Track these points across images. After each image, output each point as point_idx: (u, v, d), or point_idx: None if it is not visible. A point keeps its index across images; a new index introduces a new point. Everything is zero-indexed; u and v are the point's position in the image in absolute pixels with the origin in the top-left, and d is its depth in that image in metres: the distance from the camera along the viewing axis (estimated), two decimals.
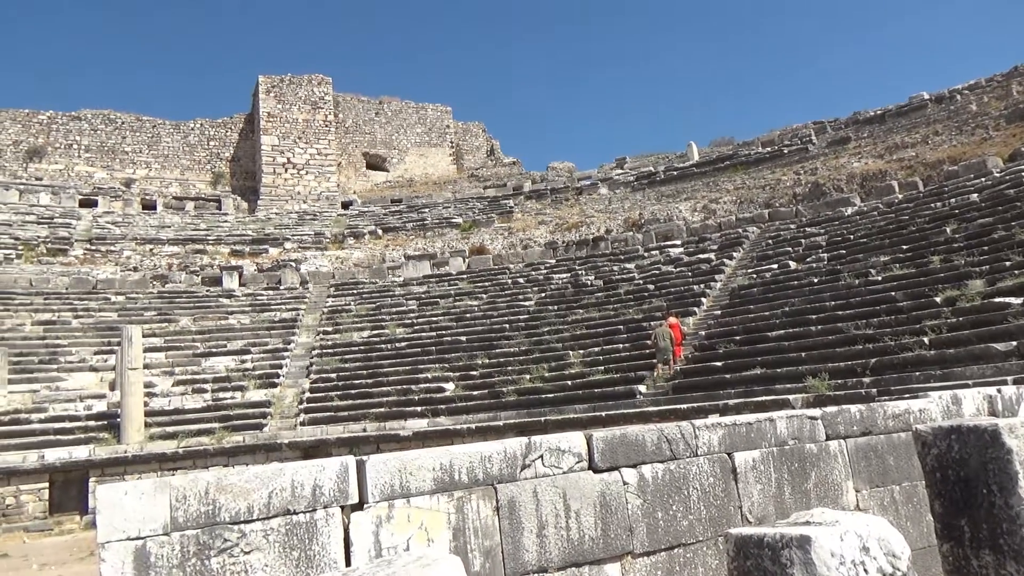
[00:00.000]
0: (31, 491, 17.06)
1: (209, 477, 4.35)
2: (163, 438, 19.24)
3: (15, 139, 40.74)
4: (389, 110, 50.38)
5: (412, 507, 4.56)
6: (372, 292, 29.00)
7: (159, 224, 36.83)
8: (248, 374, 22.58)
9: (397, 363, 22.68)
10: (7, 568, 12.97)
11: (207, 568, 4.17)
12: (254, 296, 28.67)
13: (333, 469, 4.50)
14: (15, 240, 31.51)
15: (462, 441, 17.42)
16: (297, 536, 4.36)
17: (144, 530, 4.12)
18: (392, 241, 36.32)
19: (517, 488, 4.79)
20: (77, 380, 21.47)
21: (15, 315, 24.40)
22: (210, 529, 4.22)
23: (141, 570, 4.07)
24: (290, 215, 40.62)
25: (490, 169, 50.12)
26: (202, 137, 45.23)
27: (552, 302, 24.85)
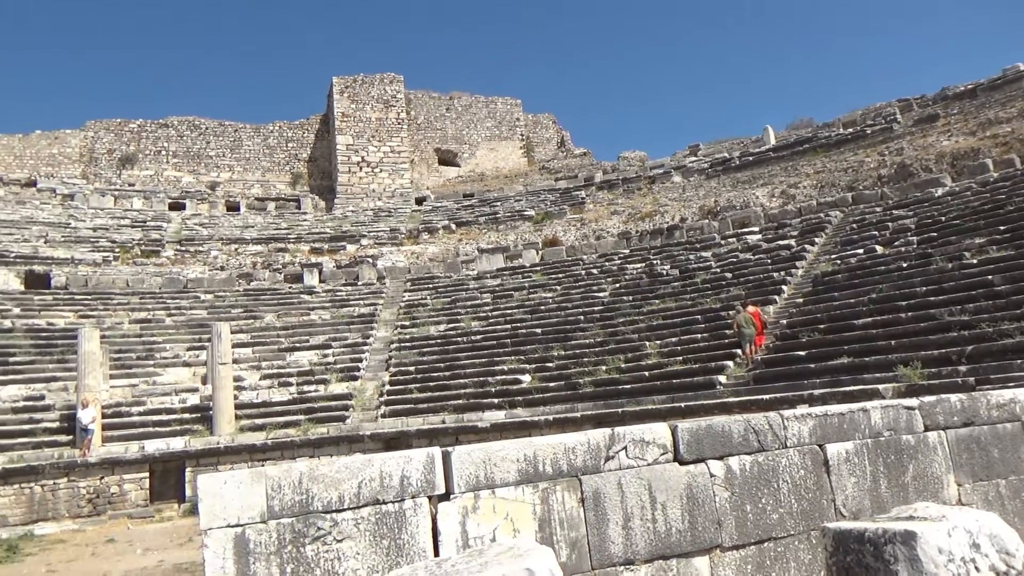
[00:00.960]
0: (133, 480, 18.02)
1: (302, 467, 4.49)
2: (252, 430, 20.00)
3: (109, 147, 42.96)
4: (459, 105, 50.78)
5: (497, 498, 4.60)
6: (447, 286, 29.35)
7: (243, 224, 38.22)
8: (330, 368, 23.21)
9: (473, 356, 22.90)
10: (114, 552, 13.75)
11: (302, 555, 4.31)
12: (333, 292, 29.44)
13: (420, 460, 4.58)
14: (112, 243, 33.27)
15: (539, 433, 17.46)
16: (387, 525, 4.45)
17: (243, 518, 4.28)
18: (465, 235, 36.65)
19: (602, 479, 4.76)
20: (172, 375, 22.54)
21: (114, 314, 25.78)
22: (304, 518, 4.35)
23: (241, 556, 4.23)
24: (366, 212, 41.48)
25: (561, 161, 49.93)
26: (281, 139, 46.64)
27: (627, 292, 24.60)
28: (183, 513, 18.01)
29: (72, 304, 26.28)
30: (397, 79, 47.06)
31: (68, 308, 25.87)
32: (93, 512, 17.50)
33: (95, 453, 18.13)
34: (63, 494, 17.38)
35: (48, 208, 36.48)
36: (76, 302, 26.49)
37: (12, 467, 17.11)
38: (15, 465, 17.20)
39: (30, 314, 24.97)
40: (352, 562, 4.34)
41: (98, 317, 24.97)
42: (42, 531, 16.63)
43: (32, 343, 22.98)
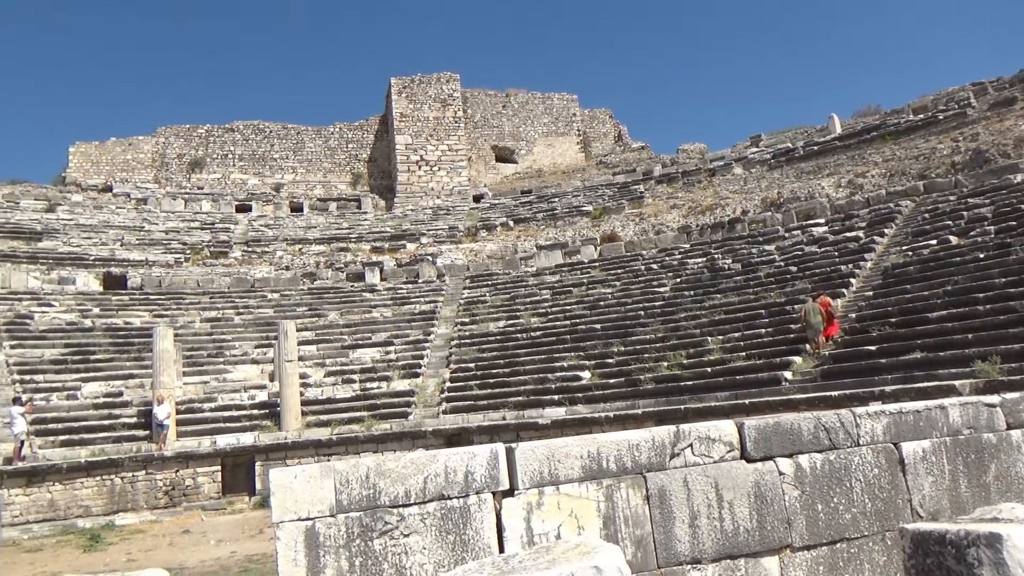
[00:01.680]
0: (206, 473, 18.67)
1: (369, 463, 4.57)
2: (318, 425, 20.48)
3: (179, 152, 44.52)
4: (516, 102, 50.85)
5: (561, 494, 4.60)
6: (506, 283, 29.45)
7: (306, 225, 39.12)
8: (392, 365, 23.58)
9: (533, 352, 22.93)
10: (190, 543, 14.27)
11: (370, 549, 4.38)
12: (394, 290, 29.87)
13: (484, 456, 4.60)
14: (183, 245, 34.49)
15: (600, 429, 17.38)
16: (452, 520, 4.49)
17: (313, 511, 4.39)
18: (523, 232, 36.70)
19: (667, 477, 4.71)
20: (241, 372, 23.23)
21: (186, 313, 26.73)
22: (371, 512, 4.43)
23: (311, 549, 4.34)
24: (425, 211, 41.94)
25: (618, 155, 49.52)
26: (341, 140, 47.53)
27: (688, 287, 24.26)
28: (253, 506, 18.57)
29: (147, 304, 27.35)
30: (454, 78, 47.39)
31: (143, 308, 26.93)
32: (169, 504, 18.20)
33: (170, 447, 18.84)
34: (141, 486, 18.13)
35: (123, 212, 38.03)
36: (151, 302, 27.57)
37: (94, 460, 17.93)
38: (97, 458, 18.01)
39: (108, 314, 26.08)
40: (419, 556, 4.40)
41: (171, 316, 25.92)
42: (122, 521, 17.38)
43: (111, 342, 24.01)
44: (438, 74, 47.16)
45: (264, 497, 18.75)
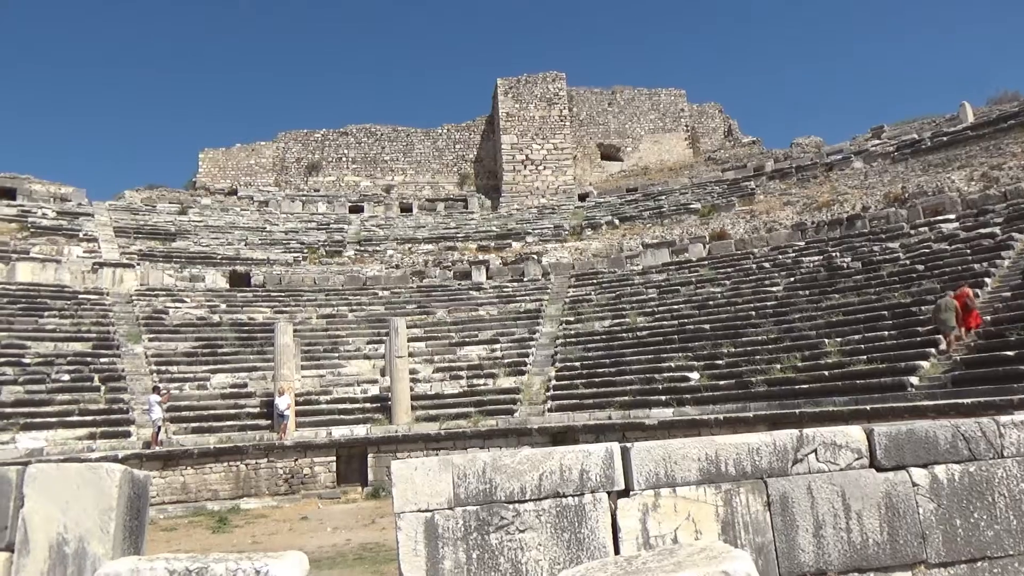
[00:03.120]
0: (322, 463, 19.50)
1: (485, 458, 4.64)
2: (426, 420, 20.99)
3: (297, 156, 46.71)
4: (621, 99, 50.35)
5: (678, 497, 4.53)
6: (611, 281, 29.22)
7: (415, 225, 40.19)
8: (498, 362, 23.86)
9: (639, 352, 22.65)
10: (308, 529, 14.96)
11: (487, 543, 4.46)
12: (500, 288, 30.21)
13: (599, 455, 4.59)
14: (301, 244, 36.18)
15: (709, 432, 16.97)
16: (567, 518, 4.51)
17: (432, 504, 4.51)
18: (629, 230, 36.29)
19: (789, 483, 4.55)
20: (354, 366, 24.13)
21: (304, 310, 28.02)
22: (488, 507, 4.51)
23: (431, 540, 4.46)
24: (530, 210, 42.20)
25: (728, 151, 48.13)
26: (449, 141, 48.52)
27: (803, 287, 23.29)
28: (365, 496, 19.24)
29: (268, 300, 28.86)
30: (559, 77, 47.43)
31: (265, 304, 28.44)
32: (289, 491, 19.13)
33: (290, 437, 19.80)
34: (263, 473, 19.14)
35: (247, 214, 40.27)
36: (272, 299, 29.07)
37: (222, 447, 19.09)
38: (224, 445, 19.17)
39: (234, 310, 27.70)
40: (534, 552, 4.44)
41: (290, 313, 27.23)
42: (246, 505, 18.42)
43: (236, 336, 25.49)
44: (543, 73, 47.33)
45: (375, 488, 19.41)
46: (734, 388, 19.10)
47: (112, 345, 23.39)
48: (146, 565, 2.64)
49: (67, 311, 25.06)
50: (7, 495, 4.53)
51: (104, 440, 18.83)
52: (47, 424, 19.01)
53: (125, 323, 25.19)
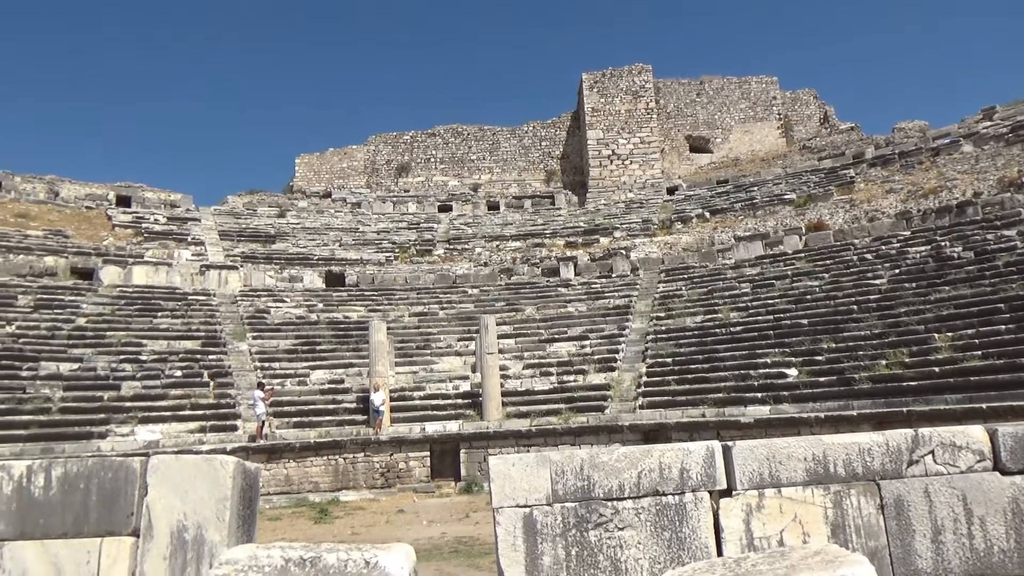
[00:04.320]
0: (417, 458, 19.94)
1: (583, 454, 4.63)
2: (517, 416, 21.12)
3: (387, 159, 47.87)
4: (710, 89, 49.17)
5: (783, 498, 4.38)
6: (703, 276, 28.59)
7: (502, 222, 40.48)
8: (588, 358, 23.75)
9: (733, 348, 22.07)
10: (404, 522, 15.33)
11: (585, 540, 4.44)
12: (588, 284, 30.06)
13: (699, 453, 4.50)
14: (392, 244, 37.07)
15: (809, 431, 16.38)
16: (667, 517, 4.44)
17: (530, 500, 4.52)
18: (720, 223, 35.42)
19: (904, 486, 4.33)
20: (446, 363, 24.53)
21: (396, 308, 28.70)
22: (586, 503, 4.49)
23: (529, 535, 4.48)
24: (617, 205, 41.80)
25: (824, 138, 46.24)
26: (534, 139, 48.62)
27: (908, 279, 22.13)
28: (459, 491, 19.55)
29: (362, 299, 29.70)
30: (645, 69, 46.75)
31: (359, 303, 29.28)
32: (385, 484, 19.65)
33: (385, 432, 20.32)
34: (360, 467, 19.73)
35: (341, 216, 41.57)
36: (365, 297, 29.90)
37: (321, 441, 19.79)
38: (323, 439, 19.87)
39: (330, 308, 28.65)
40: (633, 551, 4.40)
41: (383, 311, 27.94)
42: (345, 498, 19.04)
43: (333, 334, 26.36)
44: (629, 66, 46.77)
45: (468, 483, 19.70)
46: (835, 385, 18.37)
47: (219, 343, 24.62)
48: (263, 553, 2.75)
49: (178, 311, 26.54)
50: (133, 484, 4.83)
51: (213, 433, 19.85)
52: (162, 418, 20.19)
53: (230, 322, 26.46)
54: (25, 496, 4.84)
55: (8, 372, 20.52)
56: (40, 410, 19.34)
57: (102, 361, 22.07)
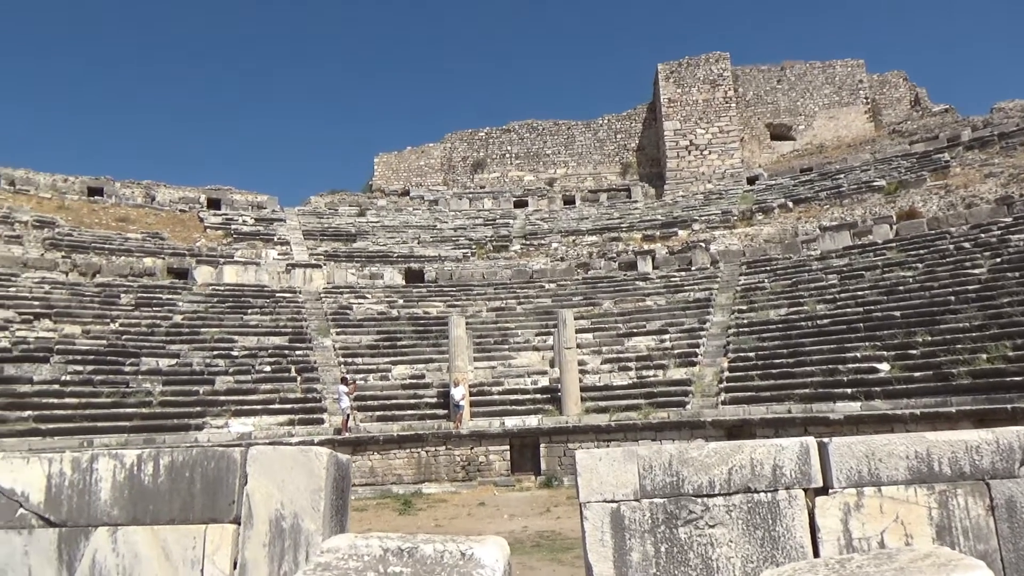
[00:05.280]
0: (496, 452, 20.12)
1: (671, 450, 4.57)
2: (596, 411, 21.02)
3: (463, 156, 48.34)
4: (792, 75, 47.57)
5: (884, 497, 4.22)
6: (786, 268, 27.76)
7: (578, 216, 40.31)
8: (667, 353, 23.41)
9: (819, 341, 21.35)
10: (485, 515, 15.49)
11: (675, 536, 4.39)
12: (667, 278, 29.62)
13: (793, 450, 4.38)
14: (469, 240, 37.44)
15: (903, 428, 15.71)
16: (759, 515, 4.34)
17: (617, 495, 4.50)
18: (804, 213, 34.28)
19: (1017, 487, 4.10)
20: (524, 358, 24.64)
21: (474, 303, 29.00)
22: (675, 500, 4.43)
23: (617, 531, 4.45)
24: (696, 196, 41.01)
25: (915, 121, 44.08)
26: (609, 131, 48.17)
27: (1011, 268, 20.90)
28: (539, 485, 19.61)
29: (441, 295, 30.14)
30: (723, 57, 45.64)
31: (438, 299, 29.72)
32: (466, 477, 19.91)
33: (465, 426, 20.57)
34: (442, 460, 20.05)
35: (419, 213, 42.27)
36: (444, 293, 30.33)
37: (404, 434, 20.21)
38: (406, 433, 20.28)
39: (410, 304, 29.20)
40: (725, 549, 4.31)
41: (462, 306, 28.27)
42: (428, 490, 19.40)
43: (413, 329, 26.86)
44: (706, 55, 45.75)
45: (548, 477, 19.74)
46: (931, 380, 17.55)
47: (305, 339, 25.44)
48: (363, 542, 2.83)
49: (266, 308, 27.57)
50: (234, 473, 5.04)
51: (301, 426, 20.54)
52: (253, 411, 21.02)
53: (315, 318, 27.30)
54: (136, 483, 5.12)
55: (113, 367, 21.76)
56: (142, 403, 20.44)
57: (197, 357, 23.13)
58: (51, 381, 20.32)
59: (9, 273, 26.35)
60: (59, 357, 21.48)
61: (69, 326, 23.59)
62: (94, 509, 5.05)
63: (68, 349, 22.08)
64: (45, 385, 20.09)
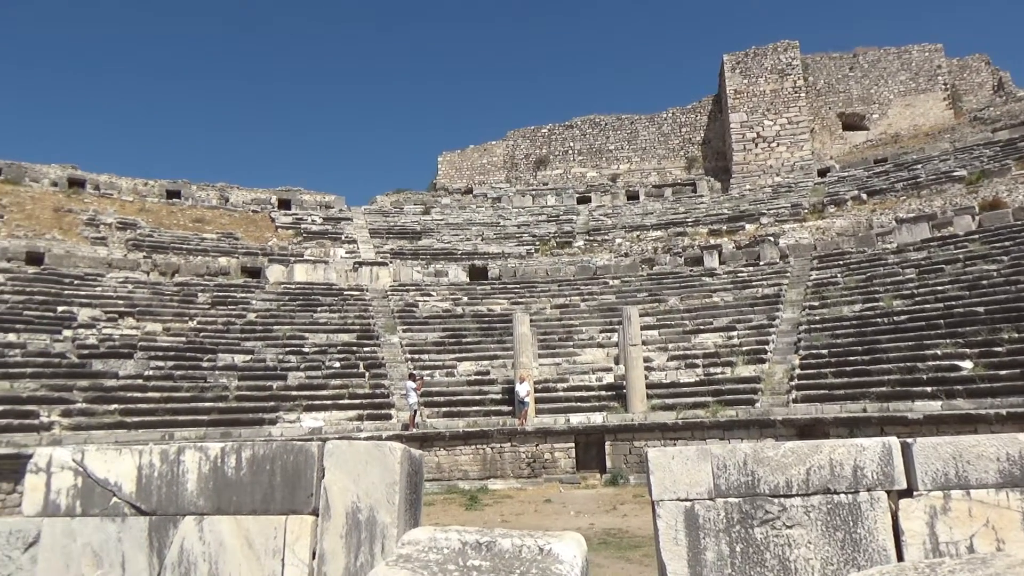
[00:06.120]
0: (562, 449, 20.11)
1: (746, 448, 4.50)
2: (662, 409, 20.78)
3: (525, 153, 48.40)
4: (864, 62, 45.95)
5: (972, 500, 4.06)
6: (860, 262, 26.86)
7: (642, 212, 39.89)
8: (735, 350, 22.97)
9: (896, 338, 20.60)
10: (551, 512, 15.51)
11: (751, 536, 4.32)
12: (734, 273, 29.05)
13: (874, 450, 4.26)
14: (532, 237, 37.50)
15: (987, 428, 15.05)
16: (839, 517, 4.24)
17: (691, 493, 4.45)
18: (879, 205, 33.09)
19: None
20: (588, 355, 24.55)
21: (538, 300, 29.04)
22: (751, 499, 4.36)
23: (691, 530, 4.41)
24: (763, 190, 40.06)
25: (999, 107, 42.00)
26: (674, 125, 47.47)
27: None
28: (604, 483, 19.53)
29: (505, 292, 30.28)
30: (792, 45, 44.41)
31: (502, 296, 29.87)
32: (531, 474, 19.97)
33: (530, 423, 20.63)
34: (507, 456, 20.17)
35: (482, 211, 42.53)
36: (508, 290, 30.47)
37: (469, 431, 20.40)
38: (471, 429, 20.47)
39: (474, 302, 29.44)
40: (803, 550, 4.23)
41: (525, 303, 28.35)
42: (493, 486, 19.54)
43: (477, 326, 27.07)
44: (774, 44, 44.60)
45: (614, 475, 19.63)
46: (1019, 379, 16.74)
47: (372, 336, 25.94)
48: (442, 535, 2.89)
49: (335, 306, 28.22)
50: (311, 466, 5.20)
51: (370, 421, 20.96)
52: (324, 406, 21.56)
53: (382, 316, 27.80)
54: (220, 475, 5.33)
55: (192, 363, 22.64)
56: (219, 398, 21.21)
57: (270, 353, 23.86)
58: (135, 376, 21.27)
59: (96, 273, 27.69)
60: (142, 353, 22.47)
61: (151, 324, 24.66)
62: (181, 499, 5.28)
63: (150, 346, 23.07)
64: (129, 380, 21.05)
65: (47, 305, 24.11)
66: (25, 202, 33.07)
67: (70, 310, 24.12)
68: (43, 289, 25.17)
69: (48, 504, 5.36)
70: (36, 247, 28.26)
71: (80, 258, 28.60)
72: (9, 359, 20.36)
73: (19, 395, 18.87)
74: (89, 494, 5.35)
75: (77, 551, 5.33)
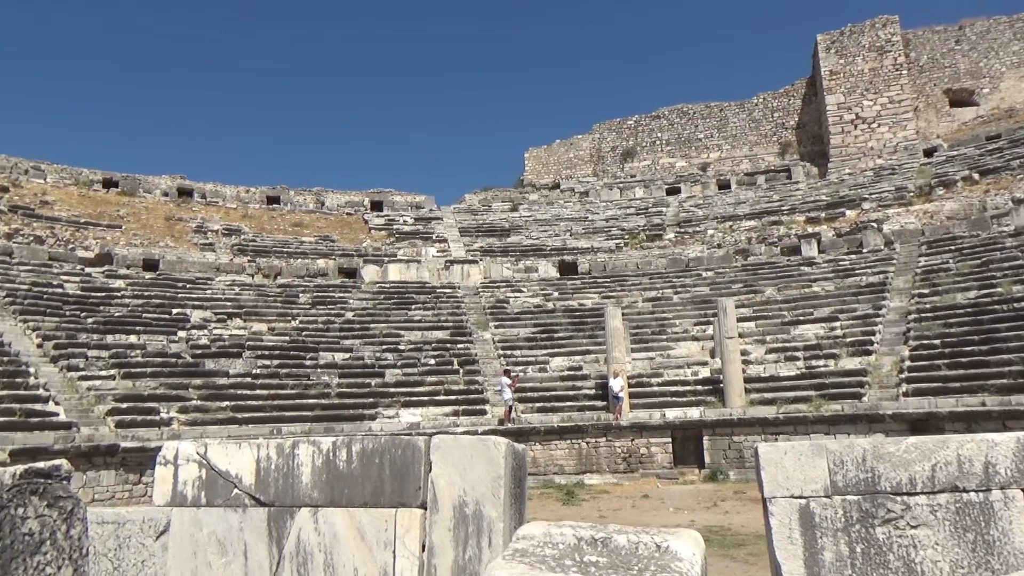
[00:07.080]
0: (658, 444, 19.86)
1: (864, 444, 4.32)
2: (761, 403, 20.20)
3: (612, 145, 47.93)
4: (972, 33, 43.11)
5: None
6: (974, 246, 25.29)
7: (734, 201, 38.82)
8: (838, 341, 22.07)
9: (1018, 327, 19.28)
10: (649, 507, 15.35)
11: (872, 536, 4.15)
12: (835, 262, 27.89)
13: (1008, 446, 4.02)
14: (621, 231, 37.12)
15: None
16: (970, 517, 4.01)
17: (806, 490, 4.31)
18: (993, 185, 31.02)
19: None
20: (682, 348, 24.11)
21: (629, 294, 28.73)
22: (871, 497, 4.19)
23: (807, 528, 4.27)
24: (864, 173, 38.26)
25: None
26: (765, 110, 45.94)
27: None
28: (703, 478, 19.17)
29: (595, 287, 30.11)
30: (891, 20, 42.17)
31: (592, 290, 29.72)
32: (627, 469, 19.82)
33: (625, 418, 20.45)
34: (603, 451, 20.08)
35: (569, 206, 42.42)
36: (598, 284, 30.28)
37: (564, 425, 20.42)
38: (566, 424, 20.48)
39: (565, 297, 29.41)
40: (930, 552, 4.02)
41: (616, 297, 28.10)
42: (589, 481, 19.50)
43: (568, 321, 27.04)
44: (871, 20, 42.48)
45: (713, 471, 19.23)
46: None
47: (465, 333, 26.32)
48: (556, 530, 2.90)
49: (428, 304, 28.79)
50: (419, 460, 5.32)
51: (465, 417, 21.29)
52: (420, 402, 22.03)
53: (474, 313, 28.16)
54: (332, 468, 5.53)
55: (296, 361, 23.58)
56: (321, 394, 22.01)
57: (368, 351, 24.57)
58: (244, 374, 22.34)
59: (205, 277, 29.24)
60: (249, 352, 23.57)
61: (256, 324, 25.83)
62: (297, 491, 5.51)
63: (257, 345, 24.17)
64: (239, 378, 22.12)
65: (163, 308, 25.63)
66: (140, 212, 35.25)
67: (183, 312, 25.56)
68: (159, 293, 26.77)
69: (176, 495, 5.69)
70: (152, 254, 30.08)
71: (191, 263, 30.26)
72: (131, 359, 21.76)
73: (141, 393, 20.15)
74: (212, 485, 5.65)
75: (203, 539, 5.64)
